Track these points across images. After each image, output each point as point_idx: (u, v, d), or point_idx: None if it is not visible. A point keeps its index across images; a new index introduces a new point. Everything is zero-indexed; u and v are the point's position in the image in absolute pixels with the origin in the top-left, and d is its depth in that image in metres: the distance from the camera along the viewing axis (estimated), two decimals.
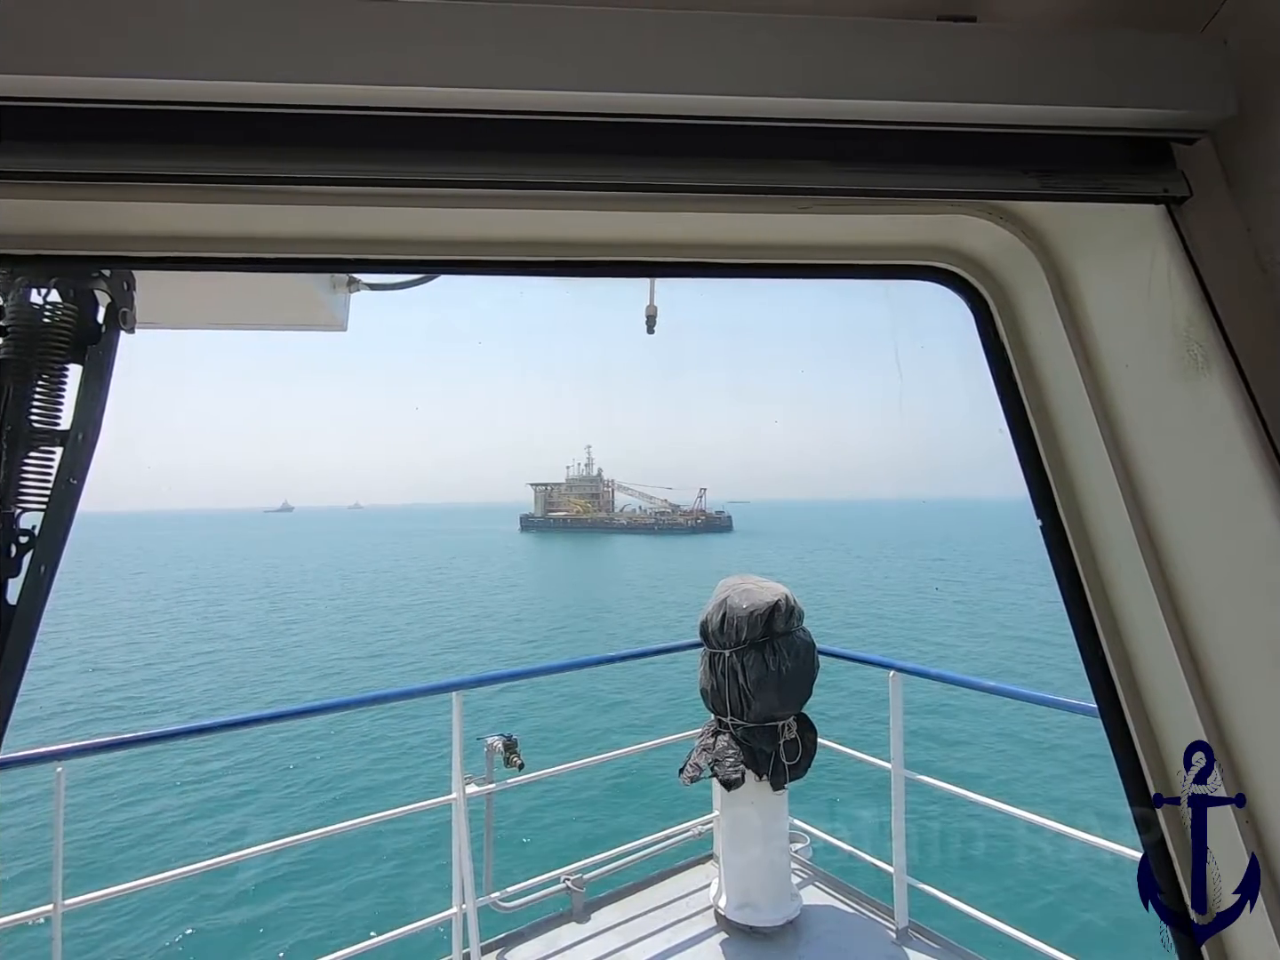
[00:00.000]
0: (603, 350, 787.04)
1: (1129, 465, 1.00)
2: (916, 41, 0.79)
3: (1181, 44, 0.83)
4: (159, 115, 0.72)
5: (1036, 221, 1.04)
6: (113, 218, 0.92)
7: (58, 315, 1.11)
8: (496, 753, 3.55)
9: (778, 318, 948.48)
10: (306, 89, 0.71)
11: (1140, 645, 1.02)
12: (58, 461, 1.10)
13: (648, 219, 0.99)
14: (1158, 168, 0.89)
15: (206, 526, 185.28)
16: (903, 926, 3.52)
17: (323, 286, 1.66)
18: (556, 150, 0.80)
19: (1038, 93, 0.80)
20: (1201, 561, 0.93)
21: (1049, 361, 1.08)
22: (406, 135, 0.77)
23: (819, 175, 0.84)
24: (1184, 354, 0.89)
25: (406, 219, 0.97)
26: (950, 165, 0.86)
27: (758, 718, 3.45)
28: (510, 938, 3.54)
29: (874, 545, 78.82)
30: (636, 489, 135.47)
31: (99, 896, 2.79)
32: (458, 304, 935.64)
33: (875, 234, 1.09)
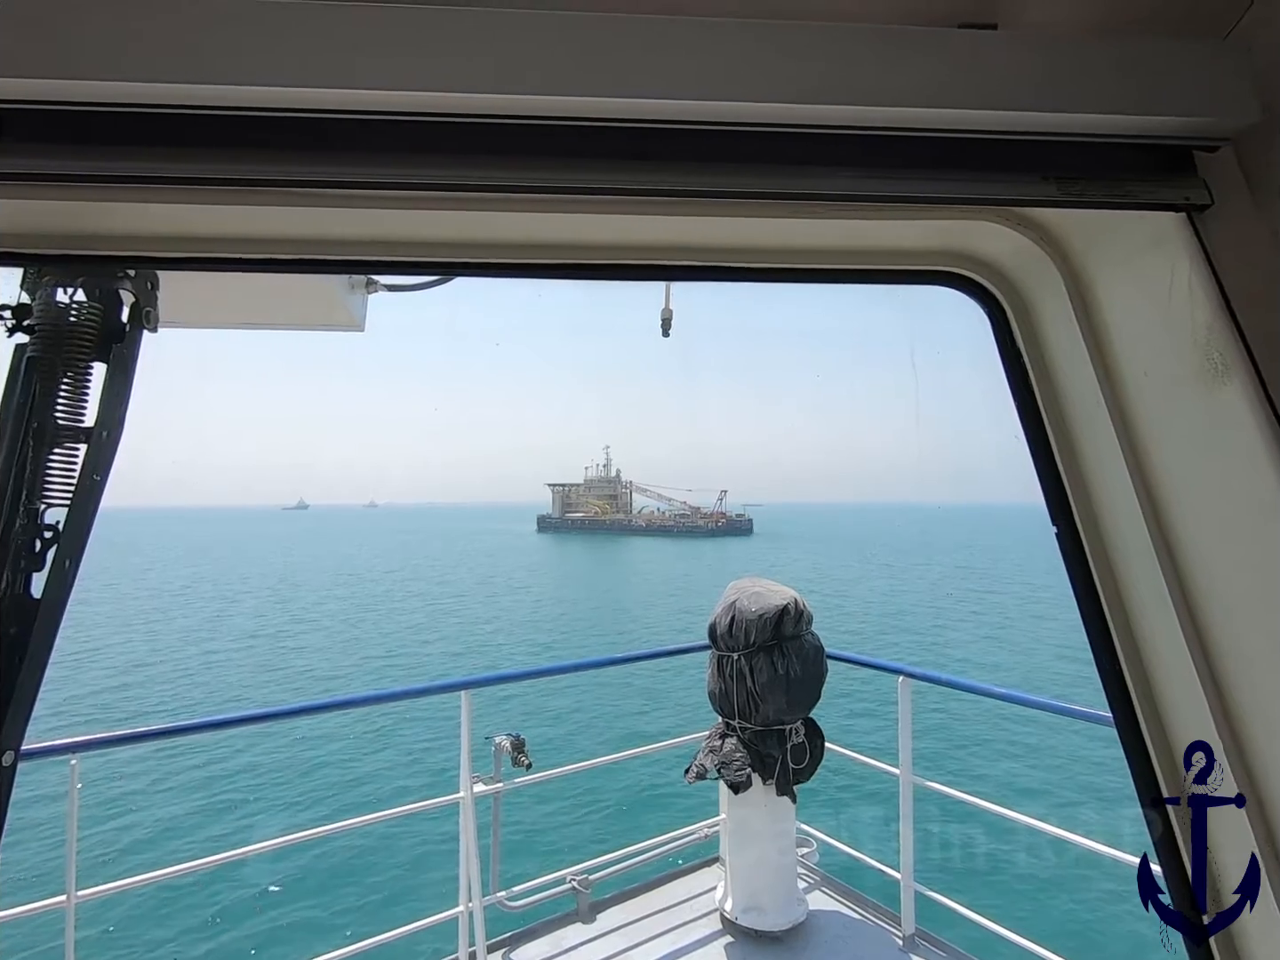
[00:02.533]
0: (622, 353, 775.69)
1: (1146, 472, 1.00)
2: (938, 49, 0.80)
3: (1204, 50, 0.83)
4: (182, 119, 0.75)
5: (1055, 228, 1.05)
6: (136, 219, 0.95)
7: (83, 314, 1.15)
8: (505, 752, 3.59)
9: (796, 322, 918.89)
10: (325, 94, 0.73)
11: (1153, 649, 1.03)
12: (82, 458, 1.13)
13: (665, 223, 1.01)
14: (1179, 175, 0.89)
15: (223, 523, 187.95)
16: (909, 933, 3.54)
17: (341, 287, 1.70)
18: (572, 155, 0.81)
19: (1058, 100, 0.80)
20: (1217, 568, 0.94)
21: (1066, 368, 1.09)
22: (423, 139, 0.79)
23: (837, 181, 0.85)
24: (1204, 362, 0.90)
25: (423, 221, 0.99)
26: (970, 171, 0.87)
27: (765, 721, 3.48)
28: (515, 937, 3.59)
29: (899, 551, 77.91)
30: (655, 490, 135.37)
31: (111, 889, 2.87)
32: (476, 305, 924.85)
33: (892, 239, 1.10)
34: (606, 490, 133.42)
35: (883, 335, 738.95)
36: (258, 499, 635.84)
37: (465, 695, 3.51)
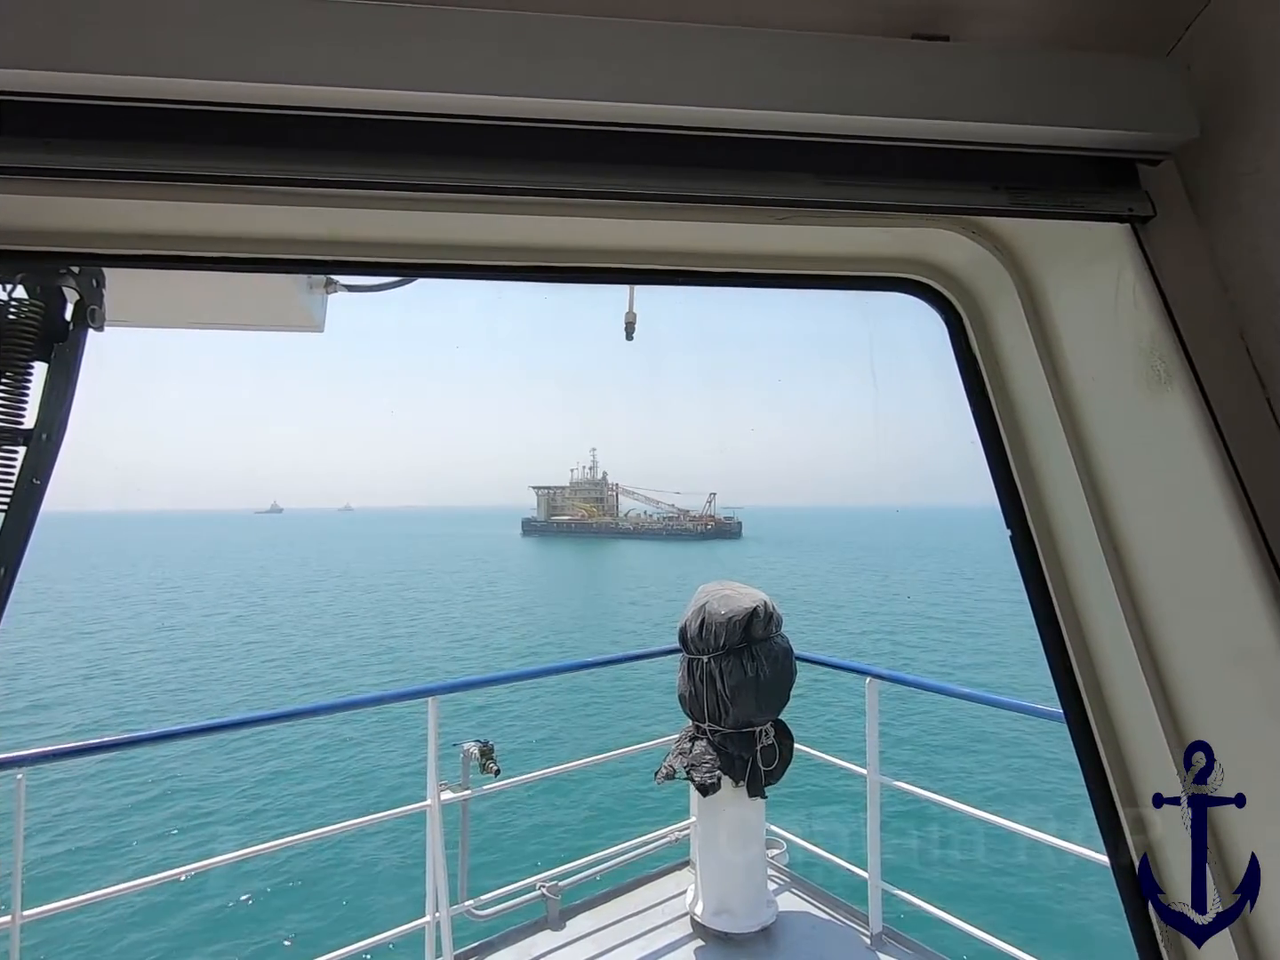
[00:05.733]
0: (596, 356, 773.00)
1: (1095, 475, 1.04)
2: (892, 59, 0.82)
3: (1147, 68, 0.88)
4: (137, 112, 0.73)
5: (1009, 237, 1.08)
6: (83, 215, 0.93)
7: (23, 312, 1.11)
8: (473, 759, 3.60)
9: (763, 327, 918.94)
10: (287, 90, 0.73)
11: (1105, 652, 1.06)
12: (20, 461, 1.10)
13: (628, 226, 1.03)
14: (1123, 187, 0.93)
15: (196, 527, 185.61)
16: (877, 932, 3.62)
17: (300, 287, 1.69)
18: (536, 157, 0.82)
19: (1008, 111, 0.84)
20: (1164, 568, 0.98)
21: (1019, 373, 1.13)
22: (386, 138, 0.79)
23: (799, 188, 0.88)
24: (1147, 369, 0.94)
25: (384, 221, 0.99)
26: (926, 180, 0.90)
27: (735, 723, 3.55)
28: (484, 946, 3.60)
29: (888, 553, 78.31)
30: (642, 493, 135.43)
31: (58, 908, 2.82)
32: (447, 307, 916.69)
33: (851, 246, 1.13)
34: (593, 493, 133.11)
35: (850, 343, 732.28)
36: (230, 503, 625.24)
37: (432, 702, 3.53)
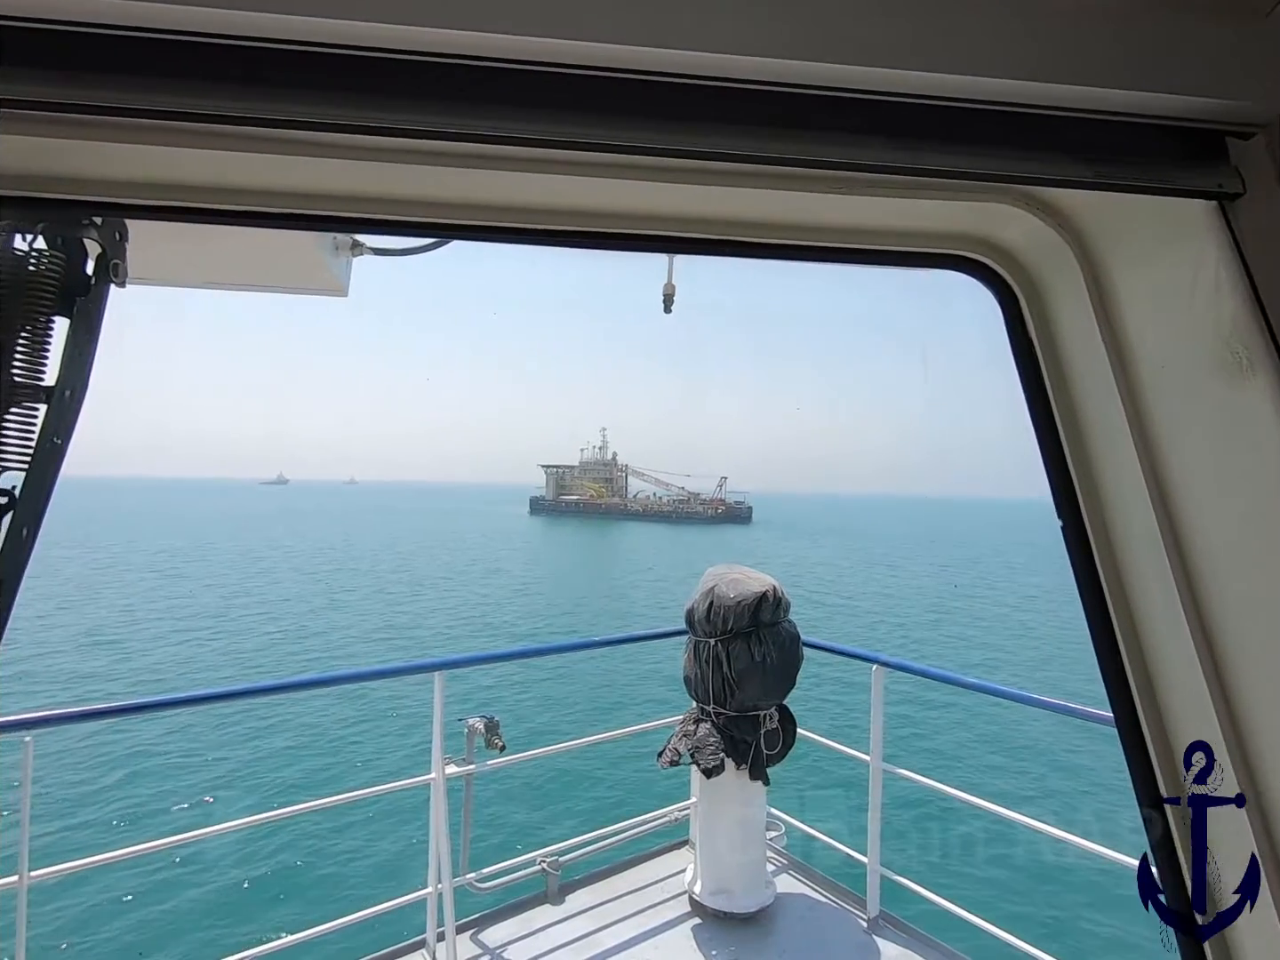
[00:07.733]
0: (621, 331, 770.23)
1: (1158, 468, 1.00)
2: (967, 12, 0.78)
3: (1242, 33, 0.82)
4: (157, 45, 0.70)
5: (1075, 213, 1.04)
6: (107, 160, 0.90)
7: (44, 263, 1.08)
8: (478, 734, 3.69)
9: (802, 303, 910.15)
10: (319, 24, 0.69)
11: (1157, 648, 1.04)
12: (41, 419, 1.08)
13: (670, 190, 0.99)
14: (1211, 161, 0.87)
15: (214, 496, 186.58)
16: (874, 915, 3.70)
17: (325, 248, 1.64)
18: (576, 108, 0.78)
19: (1094, 74, 0.79)
20: (1229, 568, 0.94)
21: (1079, 359, 1.09)
22: (424, 81, 0.75)
23: (854, 150, 0.83)
24: (1226, 356, 0.89)
25: (416, 178, 0.95)
26: (990, 146, 0.84)
27: (740, 707, 3.61)
28: (485, 918, 3.71)
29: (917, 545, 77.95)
30: (652, 475, 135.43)
31: (65, 869, 2.89)
32: (467, 274, 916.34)
33: (905, 219, 1.09)
34: (602, 473, 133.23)
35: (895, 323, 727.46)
36: (235, 471, 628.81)
37: (438, 676, 3.58)
